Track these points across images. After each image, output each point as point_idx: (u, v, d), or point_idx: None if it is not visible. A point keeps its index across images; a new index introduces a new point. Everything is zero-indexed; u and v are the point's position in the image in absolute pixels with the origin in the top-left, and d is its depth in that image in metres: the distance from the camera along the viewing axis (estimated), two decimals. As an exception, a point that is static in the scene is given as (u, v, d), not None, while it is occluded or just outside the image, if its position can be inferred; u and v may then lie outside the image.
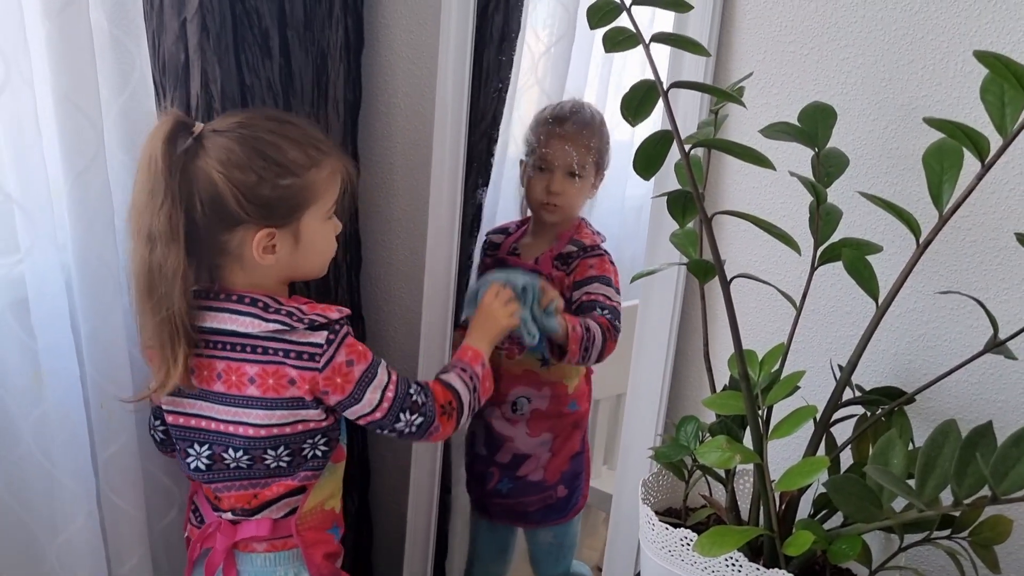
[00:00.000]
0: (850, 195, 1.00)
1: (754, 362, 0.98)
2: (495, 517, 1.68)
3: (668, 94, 0.88)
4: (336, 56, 1.50)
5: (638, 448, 1.32)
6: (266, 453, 1.17)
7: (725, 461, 0.90)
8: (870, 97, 1.10)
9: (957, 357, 0.97)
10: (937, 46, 1.04)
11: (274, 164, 1.10)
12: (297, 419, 1.15)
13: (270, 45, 1.37)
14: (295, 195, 1.12)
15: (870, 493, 0.87)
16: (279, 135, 1.12)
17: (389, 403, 1.17)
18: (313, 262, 1.21)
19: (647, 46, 0.88)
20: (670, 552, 0.99)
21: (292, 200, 1.13)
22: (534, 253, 1.55)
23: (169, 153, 1.07)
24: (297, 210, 1.14)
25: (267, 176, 1.10)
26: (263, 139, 1.11)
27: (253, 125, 1.12)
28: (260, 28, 1.36)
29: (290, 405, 1.14)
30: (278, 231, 1.12)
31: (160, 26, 1.25)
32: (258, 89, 1.38)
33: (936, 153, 0.87)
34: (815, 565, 1.02)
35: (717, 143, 0.92)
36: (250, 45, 1.35)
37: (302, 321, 1.11)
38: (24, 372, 1.19)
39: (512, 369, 1.55)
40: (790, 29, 1.13)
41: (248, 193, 1.09)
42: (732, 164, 1.20)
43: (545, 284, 1.38)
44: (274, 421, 1.15)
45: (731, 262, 1.22)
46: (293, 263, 1.17)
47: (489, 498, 1.65)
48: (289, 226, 1.14)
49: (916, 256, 0.88)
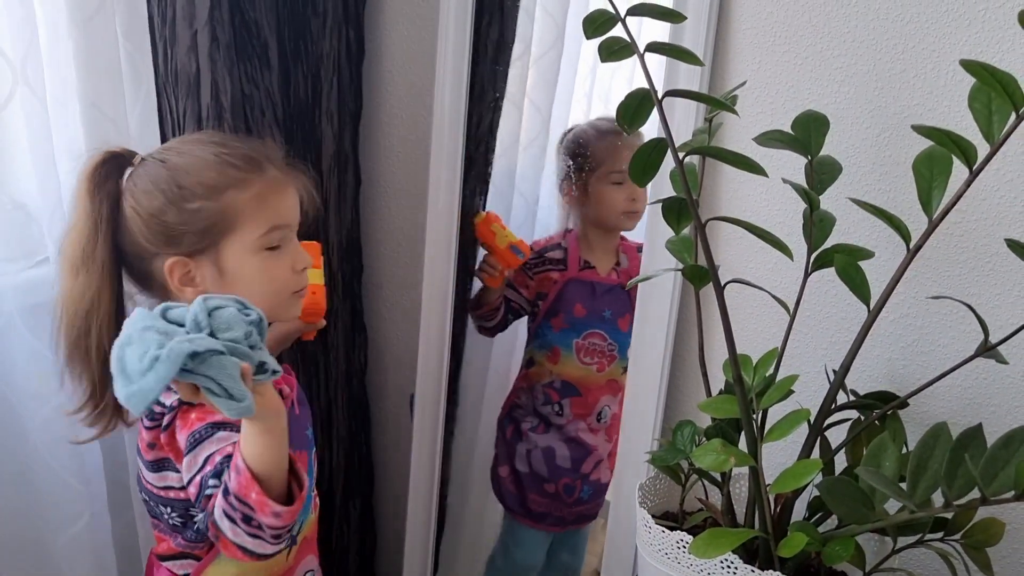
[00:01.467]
0: (843, 202, 1.02)
1: (748, 366, 0.99)
2: (564, 525, 1.70)
3: (663, 103, 0.90)
4: (330, 67, 1.51)
5: (635, 453, 1.33)
6: (163, 508, 1.06)
7: (720, 464, 0.91)
8: (863, 105, 1.11)
9: (949, 361, 0.98)
10: (928, 56, 1.06)
11: (180, 187, 1.02)
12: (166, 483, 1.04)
13: (269, 56, 1.39)
14: (205, 220, 1.02)
15: (862, 495, 0.88)
16: (201, 155, 1.04)
17: (201, 476, 0.96)
18: (251, 297, 0.95)
19: (642, 56, 0.89)
20: (667, 555, 1.00)
21: (201, 225, 1.02)
22: (607, 266, 1.58)
23: (93, 180, 1.01)
24: (209, 236, 1.03)
25: (173, 199, 1.01)
26: (181, 160, 1.04)
27: (172, 148, 1.07)
28: (259, 39, 1.37)
29: (161, 465, 1.03)
30: (192, 260, 1.03)
31: (172, 37, 1.26)
32: (257, 99, 1.39)
33: (926, 160, 0.88)
34: (810, 568, 1.03)
35: (711, 150, 0.93)
36: (250, 56, 1.36)
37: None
38: (31, 374, 1.20)
39: (599, 381, 1.59)
40: (784, 39, 1.15)
41: (150, 220, 1.01)
42: (727, 172, 1.22)
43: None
44: (157, 482, 1.05)
45: (726, 268, 1.23)
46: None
47: (567, 509, 1.67)
48: (204, 255, 1.03)
49: (906, 261, 0.90)
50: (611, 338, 1.58)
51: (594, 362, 1.58)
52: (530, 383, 1.65)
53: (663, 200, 1.01)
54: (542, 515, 1.69)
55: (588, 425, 1.61)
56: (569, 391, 1.61)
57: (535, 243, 1.62)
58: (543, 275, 1.61)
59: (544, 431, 1.64)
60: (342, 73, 1.55)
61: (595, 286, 1.58)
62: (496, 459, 1.72)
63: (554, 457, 1.65)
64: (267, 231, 1.04)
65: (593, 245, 1.59)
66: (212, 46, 1.27)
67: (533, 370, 1.65)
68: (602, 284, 1.58)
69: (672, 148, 0.91)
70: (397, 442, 1.82)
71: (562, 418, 1.62)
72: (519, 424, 1.67)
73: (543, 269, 1.61)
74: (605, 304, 1.58)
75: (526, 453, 1.67)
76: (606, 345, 1.58)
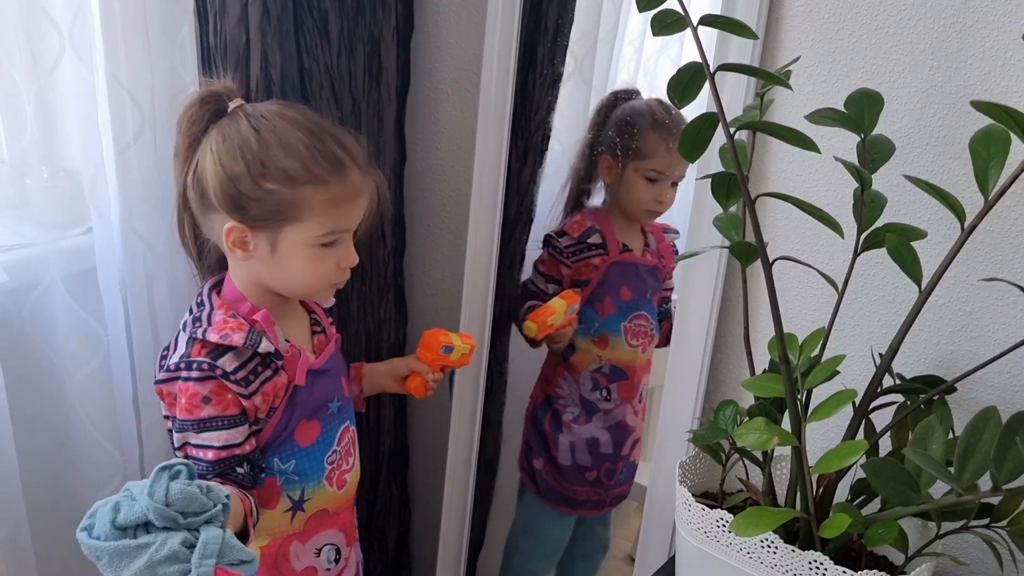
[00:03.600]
0: (895, 182, 1.00)
1: (794, 346, 0.98)
2: (603, 508, 1.70)
3: (715, 77, 0.89)
4: (390, 40, 1.51)
5: (676, 432, 1.33)
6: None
7: (763, 443, 0.91)
8: (918, 84, 1.09)
9: (999, 346, 0.96)
10: (987, 35, 1.04)
11: (260, 163, 1.04)
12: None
13: (328, 29, 1.39)
14: (276, 203, 1.05)
15: (908, 477, 0.87)
16: (294, 140, 1.06)
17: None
18: (287, 281, 1.13)
19: (695, 28, 0.88)
20: (706, 533, 1.00)
21: (270, 207, 1.06)
22: (639, 246, 1.58)
23: (192, 120, 1.07)
24: (274, 218, 1.07)
25: (254, 173, 1.04)
26: (274, 137, 1.06)
27: (269, 117, 1.07)
28: (320, 11, 1.37)
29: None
30: (251, 230, 1.07)
31: (222, 8, 1.26)
32: (316, 73, 1.39)
33: (983, 139, 0.87)
34: (851, 551, 1.02)
35: (762, 125, 0.92)
36: (309, 29, 1.37)
37: (183, 328, 1.10)
38: (72, 336, 1.23)
39: (643, 361, 1.60)
40: (839, 15, 1.13)
41: (225, 180, 1.05)
42: (777, 149, 1.21)
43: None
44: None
45: (773, 246, 1.22)
46: (267, 272, 1.11)
47: (607, 491, 1.67)
48: (264, 230, 1.07)
49: (960, 241, 0.88)
50: (651, 318, 1.59)
51: (639, 343, 1.58)
52: (574, 371, 1.63)
53: (712, 175, 1.00)
54: (581, 502, 1.68)
55: (632, 407, 1.62)
56: (617, 375, 1.60)
57: (568, 227, 1.59)
58: (584, 261, 1.58)
59: (586, 421, 1.63)
60: (396, 49, 1.54)
61: (638, 267, 1.57)
62: (528, 450, 1.70)
63: (598, 445, 1.64)
64: (327, 232, 1.09)
65: (623, 227, 1.57)
66: (263, 18, 1.28)
67: (576, 358, 1.62)
68: (644, 265, 1.57)
69: (724, 122, 0.90)
70: (434, 421, 1.83)
71: (609, 403, 1.61)
72: (559, 416, 1.65)
73: (584, 256, 1.58)
74: (647, 285, 1.58)
75: (569, 445, 1.66)
76: (649, 326, 1.58)
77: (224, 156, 1.05)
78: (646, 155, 1.49)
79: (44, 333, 1.22)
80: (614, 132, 1.52)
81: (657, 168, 1.48)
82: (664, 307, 1.60)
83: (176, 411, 1.07)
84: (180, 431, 1.08)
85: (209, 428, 1.06)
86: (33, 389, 1.23)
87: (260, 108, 1.09)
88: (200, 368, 1.05)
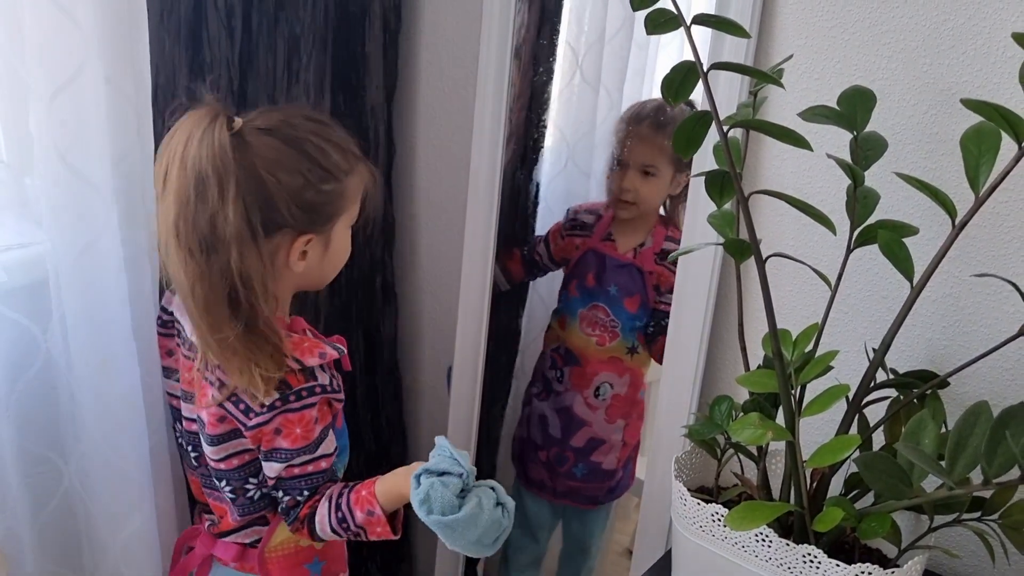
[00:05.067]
0: (887, 179, 1.01)
1: (788, 341, 0.99)
2: (558, 498, 1.71)
3: (708, 75, 0.90)
4: (375, 37, 1.52)
5: (671, 428, 1.33)
6: (218, 481, 1.13)
7: (758, 438, 0.92)
8: (910, 82, 1.10)
9: (991, 341, 0.97)
10: (979, 31, 1.04)
11: (319, 167, 1.05)
12: (231, 452, 1.10)
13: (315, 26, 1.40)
14: (334, 200, 1.08)
15: (900, 471, 0.88)
16: (322, 137, 1.07)
17: (278, 478, 1.09)
18: (330, 272, 1.16)
19: (688, 28, 0.89)
20: (701, 528, 1.01)
21: (331, 206, 1.08)
22: (629, 244, 1.57)
23: (234, 147, 0.98)
24: (334, 216, 1.09)
25: (312, 179, 1.04)
26: (309, 141, 1.05)
27: (296, 125, 1.06)
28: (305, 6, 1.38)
29: (226, 437, 1.09)
30: (315, 237, 1.08)
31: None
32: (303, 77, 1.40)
33: (974, 136, 0.87)
34: (844, 544, 1.03)
35: (755, 123, 0.93)
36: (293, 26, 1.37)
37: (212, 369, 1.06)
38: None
39: (599, 355, 1.60)
40: (832, 13, 1.13)
41: (295, 197, 1.03)
42: (770, 147, 1.21)
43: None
44: (213, 455, 1.10)
45: (767, 243, 1.22)
46: (316, 272, 1.12)
47: (559, 480, 1.68)
48: (324, 233, 1.09)
49: (952, 238, 0.89)
50: (613, 314, 1.59)
51: (595, 334, 1.59)
52: (544, 346, 1.68)
53: (706, 173, 1.01)
54: (540, 483, 1.71)
55: (584, 399, 1.62)
56: (570, 360, 1.63)
57: (582, 205, 1.63)
58: (570, 239, 1.62)
59: (545, 397, 1.67)
60: (384, 45, 1.55)
61: (607, 259, 1.59)
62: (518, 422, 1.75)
63: (547, 425, 1.67)
64: (359, 211, 1.13)
65: (626, 220, 1.58)
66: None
67: (548, 333, 1.68)
68: (614, 259, 1.58)
69: (717, 121, 0.91)
70: (433, 414, 1.84)
71: (561, 385, 1.64)
72: (529, 388, 1.71)
73: (571, 233, 1.63)
74: (612, 279, 1.59)
75: (526, 417, 1.71)
76: (608, 320, 1.58)
77: (281, 174, 1.02)
78: (616, 144, 1.54)
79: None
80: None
81: (618, 154, 1.52)
82: (657, 321, 1.57)
83: (287, 443, 1.07)
84: (291, 458, 1.08)
85: (320, 442, 1.09)
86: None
87: (260, 120, 1.05)
88: (312, 392, 1.06)
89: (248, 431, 1.06)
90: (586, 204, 1.63)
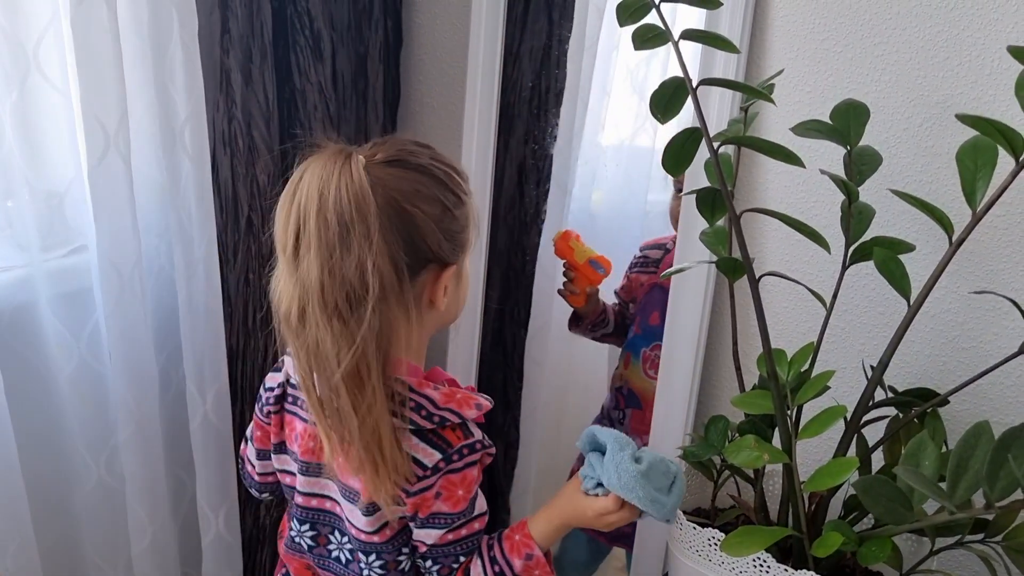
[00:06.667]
0: (883, 194, 0.99)
1: (783, 361, 0.97)
2: (613, 541, 1.63)
3: (697, 91, 0.88)
4: (376, 57, 1.51)
5: (667, 448, 1.31)
6: (365, 555, 1.02)
7: (754, 460, 0.90)
8: (904, 95, 1.08)
9: (992, 359, 0.95)
10: (973, 43, 1.03)
11: (450, 192, 0.95)
12: (385, 523, 0.99)
13: (321, 48, 1.38)
14: (467, 225, 0.98)
15: (900, 495, 0.86)
16: (440, 161, 0.96)
17: (433, 546, 0.99)
18: (461, 304, 1.04)
19: (676, 43, 0.87)
20: (698, 552, 0.99)
21: (466, 231, 0.98)
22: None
23: (361, 189, 0.87)
24: (468, 242, 0.99)
25: (449, 205, 0.94)
26: (437, 167, 0.95)
27: (415, 152, 0.95)
28: (312, 31, 1.36)
29: (374, 507, 0.97)
30: (456, 267, 0.97)
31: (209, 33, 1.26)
32: (310, 93, 1.39)
33: (970, 151, 0.86)
34: (845, 568, 1.01)
35: (746, 140, 0.91)
36: (302, 48, 1.36)
37: (430, 419, 0.94)
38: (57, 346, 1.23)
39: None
40: (823, 26, 1.12)
41: (440, 226, 0.93)
42: (763, 163, 1.20)
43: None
44: (367, 527, 0.99)
45: (761, 261, 1.21)
46: (453, 308, 1.02)
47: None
48: (461, 262, 0.99)
49: (949, 255, 0.87)
50: None
51: (657, 376, 1.47)
52: (611, 384, 1.59)
53: (696, 191, 0.99)
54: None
55: (644, 443, 1.47)
56: (632, 401, 1.54)
57: (650, 240, 1.55)
58: (635, 276, 1.55)
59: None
60: (385, 64, 1.54)
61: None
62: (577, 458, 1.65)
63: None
64: (477, 235, 1.03)
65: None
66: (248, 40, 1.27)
67: (616, 371, 1.58)
68: None
69: (707, 137, 0.89)
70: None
71: (623, 427, 1.55)
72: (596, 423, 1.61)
73: (636, 269, 1.55)
74: None
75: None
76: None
77: (424, 204, 0.92)
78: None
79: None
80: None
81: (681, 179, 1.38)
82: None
83: (447, 506, 0.97)
84: (451, 523, 0.98)
85: (476, 498, 1.00)
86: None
87: (380, 152, 0.94)
88: (473, 450, 0.97)
89: (410, 497, 0.95)
90: (652, 239, 1.55)
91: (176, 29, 1.20)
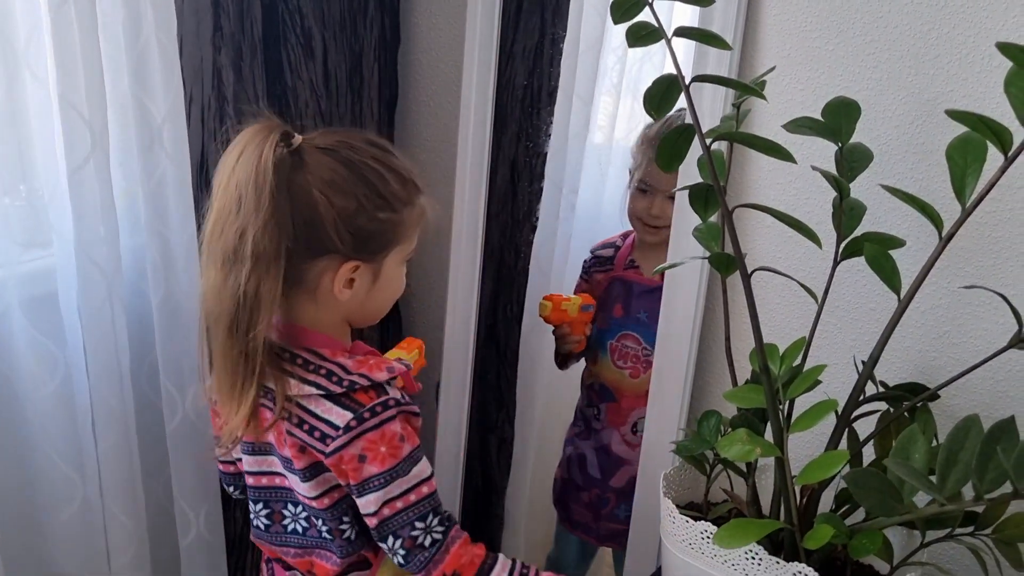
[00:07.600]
0: (873, 190, 1.00)
1: (775, 356, 0.98)
2: (602, 541, 1.64)
3: (690, 88, 0.89)
4: (371, 55, 1.51)
5: (661, 443, 1.32)
6: (316, 520, 1.07)
7: (746, 454, 0.90)
8: (895, 91, 1.09)
9: (981, 353, 0.96)
10: (963, 41, 1.04)
11: (376, 195, 1.00)
12: (324, 489, 1.03)
13: (312, 45, 1.38)
14: (388, 231, 1.02)
15: (891, 487, 0.86)
16: (383, 164, 1.01)
17: (381, 519, 1.00)
18: (381, 304, 1.09)
19: (669, 40, 0.88)
20: (691, 545, 0.99)
21: (384, 236, 1.02)
22: (654, 266, 1.49)
23: (278, 164, 0.94)
24: (386, 247, 1.03)
25: (367, 206, 0.99)
26: (369, 165, 1.00)
27: (357, 148, 1.01)
28: (303, 28, 1.37)
29: (313, 472, 1.02)
30: (363, 265, 1.02)
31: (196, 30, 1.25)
32: (301, 90, 1.39)
33: (960, 147, 0.86)
34: (836, 560, 1.02)
35: (738, 136, 0.92)
36: (293, 46, 1.36)
37: (340, 383, 0.99)
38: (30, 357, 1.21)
39: (635, 389, 1.52)
40: (815, 23, 1.13)
41: (347, 221, 0.98)
42: (754, 160, 1.20)
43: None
44: (308, 492, 1.03)
45: (753, 257, 1.21)
46: (364, 302, 1.06)
47: (601, 522, 1.60)
48: (373, 262, 1.03)
49: (938, 250, 0.88)
50: (645, 341, 1.50)
51: (627, 366, 1.52)
52: (582, 383, 1.62)
53: (689, 187, 1.00)
54: (585, 526, 1.63)
55: (622, 436, 1.54)
56: (606, 396, 1.56)
57: (599, 243, 1.58)
58: (592, 276, 1.57)
59: (586, 437, 1.59)
60: (381, 62, 1.54)
61: (633, 286, 1.52)
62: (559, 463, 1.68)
63: (586, 465, 1.60)
64: (415, 246, 1.08)
65: (647, 247, 1.51)
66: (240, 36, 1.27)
67: (585, 371, 1.60)
68: (640, 285, 1.51)
69: (699, 134, 0.90)
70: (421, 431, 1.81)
71: (599, 423, 1.57)
72: (571, 427, 1.64)
73: (593, 270, 1.57)
74: (641, 306, 1.51)
75: (566, 459, 1.64)
76: (640, 349, 1.51)
77: (335, 196, 0.98)
78: (638, 166, 1.47)
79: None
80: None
81: (645, 178, 1.45)
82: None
83: (376, 466, 0.98)
84: (386, 484, 0.99)
85: (413, 461, 1.01)
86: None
87: (321, 139, 1.01)
88: (387, 406, 1.00)
89: (328, 458, 0.98)
90: (599, 241, 1.59)
91: (153, 29, 1.19)
